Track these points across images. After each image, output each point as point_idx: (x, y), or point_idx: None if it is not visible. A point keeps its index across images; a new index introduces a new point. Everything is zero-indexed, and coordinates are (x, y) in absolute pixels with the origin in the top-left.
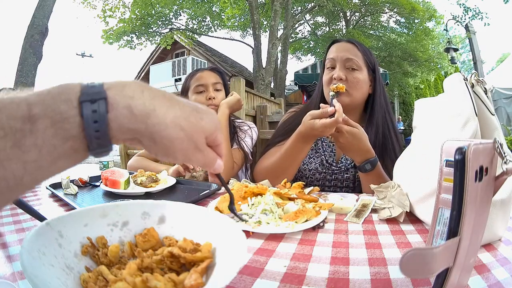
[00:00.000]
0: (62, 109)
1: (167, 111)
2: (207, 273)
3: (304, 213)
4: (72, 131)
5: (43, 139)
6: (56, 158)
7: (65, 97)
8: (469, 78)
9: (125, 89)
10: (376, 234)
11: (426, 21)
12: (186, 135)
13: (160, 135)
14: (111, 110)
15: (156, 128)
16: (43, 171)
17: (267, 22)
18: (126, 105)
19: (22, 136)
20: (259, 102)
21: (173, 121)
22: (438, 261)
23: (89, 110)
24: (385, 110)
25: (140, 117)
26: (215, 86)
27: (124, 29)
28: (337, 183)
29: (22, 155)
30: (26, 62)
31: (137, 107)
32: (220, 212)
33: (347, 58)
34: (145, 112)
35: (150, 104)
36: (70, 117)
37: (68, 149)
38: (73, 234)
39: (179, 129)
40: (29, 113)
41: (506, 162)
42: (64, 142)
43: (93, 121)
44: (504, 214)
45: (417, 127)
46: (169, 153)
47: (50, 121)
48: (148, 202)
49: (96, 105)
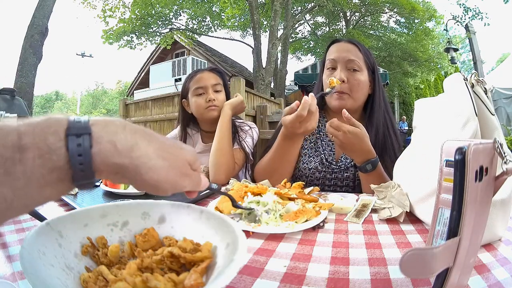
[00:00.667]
0: (50, 141)
1: (148, 144)
2: (207, 273)
3: (304, 213)
4: (58, 163)
5: (31, 168)
6: (43, 186)
7: (53, 130)
8: (469, 78)
9: (108, 125)
10: (376, 234)
11: (426, 21)
12: (170, 165)
13: (146, 167)
14: (95, 145)
15: (141, 160)
16: (31, 198)
17: (267, 22)
18: (109, 140)
19: (12, 164)
20: (259, 102)
21: (155, 153)
22: (438, 261)
23: (74, 144)
24: (385, 110)
25: (124, 152)
26: (215, 88)
27: (124, 29)
28: (337, 182)
29: (12, 182)
30: (26, 62)
31: (120, 142)
32: (220, 212)
33: (349, 60)
34: (128, 146)
35: (132, 139)
36: (57, 149)
37: (54, 179)
38: (73, 234)
39: (162, 159)
40: (19, 143)
41: (506, 162)
42: (51, 172)
43: (78, 154)
44: (504, 214)
45: (417, 127)
46: (158, 184)
47: (38, 152)
48: (148, 202)
49: (81, 139)
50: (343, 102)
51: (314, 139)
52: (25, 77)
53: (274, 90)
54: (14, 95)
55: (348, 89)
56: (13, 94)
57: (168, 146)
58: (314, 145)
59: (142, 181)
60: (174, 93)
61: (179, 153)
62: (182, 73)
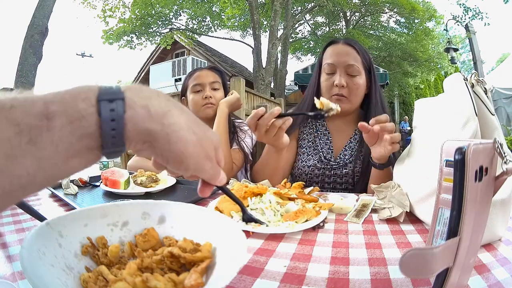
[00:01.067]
0: (80, 107)
1: (181, 114)
2: (207, 273)
3: (304, 213)
4: (89, 129)
5: (59, 136)
6: (71, 156)
7: (84, 96)
8: (469, 78)
9: (142, 91)
10: (376, 234)
11: (426, 21)
12: (198, 140)
13: (175, 136)
14: (128, 110)
15: (172, 128)
16: (56, 169)
17: (267, 22)
18: (143, 105)
19: (39, 133)
20: (259, 102)
21: (187, 124)
22: (438, 261)
23: (107, 109)
24: (381, 106)
25: (156, 117)
26: (213, 85)
27: (124, 29)
28: (336, 179)
29: (37, 152)
30: (26, 62)
31: (154, 107)
32: (220, 212)
33: (348, 65)
34: (162, 112)
35: (166, 106)
36: (87, 115)
37: (83, 147)
38: (73, 234)
39: (192, 132)
40: (47, 110)
41: (506, 162)
42: (80, 139)
43: (111, 119)
44: (504, 214)
45: (417, 127)
46: (182, 158)
47: (67, 118)
48: (148, 202)
49: (114, 104)
50: (341, 105)
51: (312, 138)
52: (25, 77)
53: (274, 90)
54: None
55: (347, 93)
56: None
57: (198, 122)
58: (313, 143)
59: (169, 151)
60: (174, 93)
61: (208, 133)
62: (182, 73)
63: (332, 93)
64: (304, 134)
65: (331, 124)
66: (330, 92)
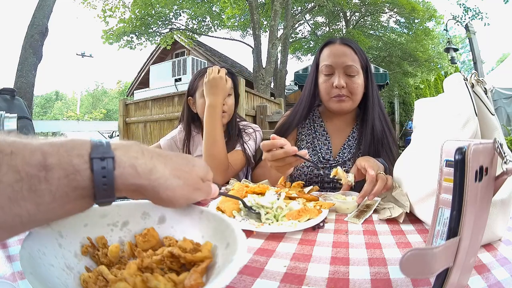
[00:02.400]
0: (75, 163)
1: (165, 167)
2: (207, 273)
3: (307, 212)
4: (83, 183)
5: (57, 187)
6: (66, 203)
7: (78, 152)
8: (469, 78)
9: (129, 151)
10: (376, 234)
11: (426, 21)
12: (184, 182)
13: (163, 187)
14: (118, 168)
15: (158, 182)
16: (54, 212)
17: (267, 22)
18: (131, 164)
19: (38, 182)
20: (259, 102)
21: (172, 173)
22: (438, 261)
23: (99, 166)
24: (378, 106)
25: (144, 174)
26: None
27: (124, 29)
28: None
29: (37, 198)
30: (26, 62)
31: (141, 166)
32: (222, 212)
33: (347, 65)
34: (147, 169)
35: (151, 163)
36: (81, 170)
37: (78, 196)
38: (73, 234)
39: (177, 178)
40: (45, 162)
41: (506, 162)
42: (74, 190)
43: (102, 176)
44: (504, 214)
45: (417, 127)
46: (173, 200)
47: (63, 172)
48: (148, 202)
49: (105, 162)
50: (343, 104)
51: (310, 139)
52: (25, 77)
53: (274, 90)
54: (14, 95)
55: (347, 93)
56: (13, 94)
57: (182, 165)
58: (311, 144)
59: (159, 198)
60: (174, 93)
61: (192, 171)
62: (182, 73)
63: (332, 94)
64: (302, 135)
65: (329, 124)
66: (329, 93)
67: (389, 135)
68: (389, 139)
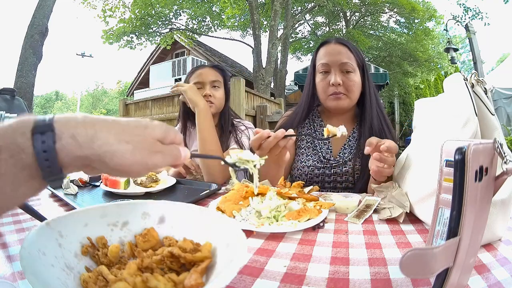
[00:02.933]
0: (19, 141)
1: (108, 132)
2: (207, 273)
3: (307, 212)
4: (27, 160)
5: (5, 168)
6: (17, 185)
7: (22, 130)
8: (469, 78)
9: (69, 121)
10: (376, 234)
11: (426, 21)
12: (135, 146)
13: (109, 154)
14: (58, 140)
15: (103, 149)
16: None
17: (267, 22)
18: (70, 135)
19: None
20: (259, 102)
21: (117, 138)
22: (438, 261)
23: (39, 141)
24: (376, 104)
25: (85, 143)
26: (213, 84)
27: (124, 29)
28: (337, 177)
29: None
30: (26, 62)
31: (80, 135)
32: (222, 212)
33: (342, 63)
34: (88, 137)
35: (91, 130)
36: (25, 148)
37: (26, 177)
38: (73, 234)
39: (125, 143)
40: None
41: (506, 162)
42: (22, 170)
43: (43, 151)
44: (504, 214)
45: (417, 127)
46: (125, 169)
47: (9, 152)
48: (148, 202)
49: (45, 136)
50: (340, 102)
51: (310, 139)
52: (25, 77)
53: (274, 90)
54: (14, 95)
55: (344, 91)
56: (13, 94)
57: (131, 128)
58: (311, 144)
59: (110, 168)
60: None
61: (143, 133)
62: (182, 73)
63: (328, 92)
64: (302, 135)
65: (330, 124)
66: (326, 92)
67: (388, 134)
68: (388, 138)
